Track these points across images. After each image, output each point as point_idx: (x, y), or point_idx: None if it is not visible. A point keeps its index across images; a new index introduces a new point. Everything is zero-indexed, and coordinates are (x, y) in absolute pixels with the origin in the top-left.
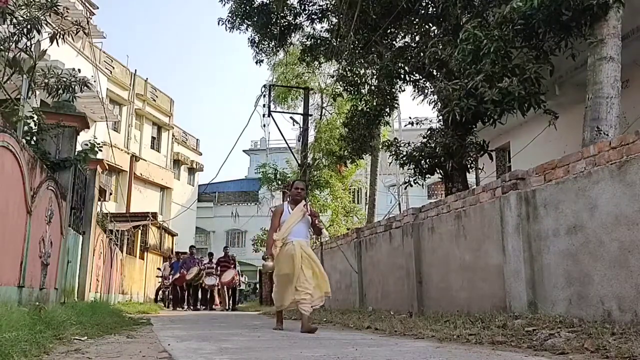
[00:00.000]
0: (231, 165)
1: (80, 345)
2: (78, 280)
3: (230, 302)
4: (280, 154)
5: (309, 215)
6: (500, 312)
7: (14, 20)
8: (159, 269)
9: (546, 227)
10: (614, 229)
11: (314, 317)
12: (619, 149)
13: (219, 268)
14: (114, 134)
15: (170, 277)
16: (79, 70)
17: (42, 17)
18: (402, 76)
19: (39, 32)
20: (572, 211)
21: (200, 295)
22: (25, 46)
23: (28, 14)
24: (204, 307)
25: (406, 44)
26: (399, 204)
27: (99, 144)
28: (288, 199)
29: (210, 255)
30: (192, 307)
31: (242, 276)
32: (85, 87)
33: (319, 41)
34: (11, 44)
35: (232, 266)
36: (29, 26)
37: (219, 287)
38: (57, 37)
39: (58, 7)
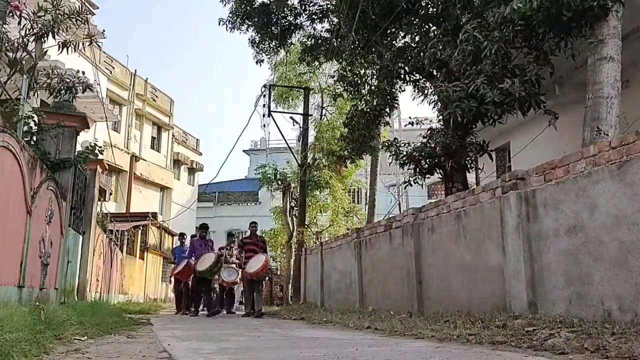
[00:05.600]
0: (231, 165)
1: (80, 345)
2: (78, 280)
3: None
4: (280, 154)
5: None
6: (500, 312)
7: (28, 24)
8: (172, 263)
9: (546, 227)
10: (614, 229)
11: (315, 319)
12: (619, 149)
13: (243, 254)
14: (114, 134)
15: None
16: (84, 73)
17: (61, 24)
18: (402, 76)
19: (54, 37)
20: (572, 211)
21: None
22: (33, 49)
23: (50, 19)
24: (219, 311)
25: (406, 44)
26: (399, 204)
27: (100, 146)
28: None
29: (230, 236)
30: (203, 310)
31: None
32: (87, 90)
33: (319, 41)
34: (19, 46)
35: (262, 250)
36: (44, 31)
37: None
38: (68, 46)
39: (81, 17)
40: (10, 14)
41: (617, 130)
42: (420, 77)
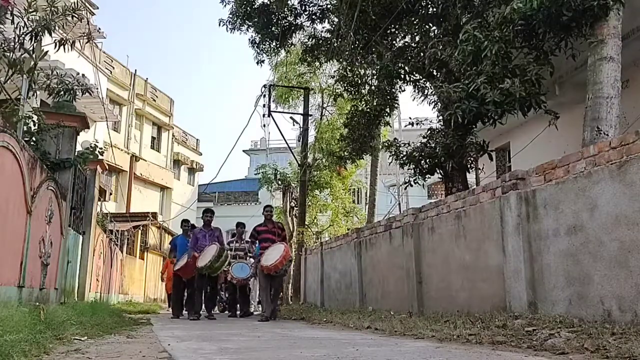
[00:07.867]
0: (231, 165)
1: (80, 345)
2: (78, 280)
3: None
4: (280, 154)
5: None
6: (500, 312)
7: (23, 22)
8: (168, 258)
9: (546, 227)
10: (614, 229)
11: (314, 318)
12: (619, 149)
13: (257, 245)
14: (114, 134)
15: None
16: (84, 76)
17: (56, 21)
18: (402, 76)
19: (50, 34)
20: (572, 211)
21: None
22: (31, 47)
23: (45, 17)
24: (229, 313)
25: (406, 44)
26: (399, 204)
27: (100, 147)
28: None
29: (240, 226)
30: (204, 313)
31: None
32: (87, 92)
33: (319, 41)
34: (16, 45)
35: (280, 239)
36: (39, 29)
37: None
38: (65, 44)
39: (77, 14)
40: (4, 13)
41: (617, 130)
42: (420, 77)
